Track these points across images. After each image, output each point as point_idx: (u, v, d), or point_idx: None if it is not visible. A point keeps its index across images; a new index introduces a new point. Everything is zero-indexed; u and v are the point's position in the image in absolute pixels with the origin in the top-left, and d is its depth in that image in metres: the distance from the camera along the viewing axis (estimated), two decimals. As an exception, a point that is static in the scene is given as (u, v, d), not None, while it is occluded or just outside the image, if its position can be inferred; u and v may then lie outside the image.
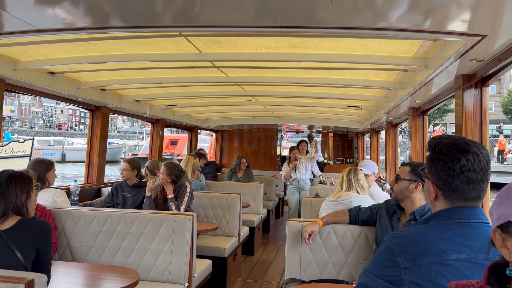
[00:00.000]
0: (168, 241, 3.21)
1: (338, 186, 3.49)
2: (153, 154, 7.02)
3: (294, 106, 6.66)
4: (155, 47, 3.25)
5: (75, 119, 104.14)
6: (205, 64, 3.78)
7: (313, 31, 2.36)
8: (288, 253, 2.97)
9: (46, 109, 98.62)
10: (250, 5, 2.03)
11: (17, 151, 20.41)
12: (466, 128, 3.08)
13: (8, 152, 20.16)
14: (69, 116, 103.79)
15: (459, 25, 2.10)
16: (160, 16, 2.21)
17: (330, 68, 3.87)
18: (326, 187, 6.03)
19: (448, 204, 1.42)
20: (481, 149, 1.40)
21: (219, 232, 5.03)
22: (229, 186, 6.85)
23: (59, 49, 3.27)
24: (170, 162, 4.38)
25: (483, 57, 2.59)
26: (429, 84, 3.45)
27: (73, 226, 3.38)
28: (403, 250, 1.35)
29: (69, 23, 2.31)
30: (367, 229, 2.91)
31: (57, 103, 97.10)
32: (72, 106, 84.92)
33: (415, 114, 5.01)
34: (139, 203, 4.36)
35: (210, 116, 8.35)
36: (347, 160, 11.63)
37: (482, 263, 1.32)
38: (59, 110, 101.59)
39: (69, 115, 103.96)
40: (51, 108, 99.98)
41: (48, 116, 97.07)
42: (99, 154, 5.40)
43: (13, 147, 20.14)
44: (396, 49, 3.02)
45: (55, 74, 4.01)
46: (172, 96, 5.53)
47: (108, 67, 3.90)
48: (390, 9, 1.96)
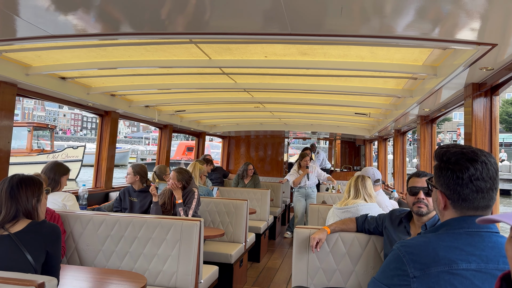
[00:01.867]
0: (175, 246, 3.22)
1: (345, 194, 3.48)
2: (160, 159, 7.06)
3: (302, 113, 6.66)
4: (165, 54, 3.28)
5: (78, 123, 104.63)
6: (214, 71, 3.81)
7: (322, 38, 2.37)
8: (295, 260, 2.96)
9: (49, 113, 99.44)
10: (259, 13, 2.04)
11: (72, 156, 21.95)
12: (476, 136, 3.06)
13: (64, 157, 21.47)
14: (71, 121, 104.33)
15: (469, 33, 2.09)
16: (170, 22, 2.24)
17: (339, 76, 3.87)
18: (333, 195, 6.02)
19: (457, 213, 1.41)
20: (489, 157, 1.40)
21: (226, 238, 5.03)
22: (235, 192, 6.86)
23: (71, 54, 3.32)
24: (180, 168, 4.40)
25: (493, 66, 2.58)
26: (438, 92, 3.43)
27: (81, 230, 3.41)
28: (412, 259, 1.34)
29: (81, 29, 2.35)
30: (375, 238, 2.89)
31: (59, 107, 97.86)
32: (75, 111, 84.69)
33: (423, 122, 4.99)
34: (146, 208, 4.37)
35: (218, 122, 8.38)
36: (354, 168, 11.58)
37: (492, 273, 1.31)
38: (62, 114, 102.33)
39: (72, 119, 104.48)
40: (54, 112, 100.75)
41: (51, 121, 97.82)
42: (108, 159, 5.44)
43: (68, 153, 21.89)
44: (405, 57, 3.02)
45: (66, 79, 4.07)
46: (181, 102, 5.56)
47: (118, 72, 3.94)
48: (399, 17, 1.96)
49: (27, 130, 19.70)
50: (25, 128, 19.91)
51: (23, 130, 19.93)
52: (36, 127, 20.26)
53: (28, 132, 19.56)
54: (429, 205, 2.44)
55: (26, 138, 19.62)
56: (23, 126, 20.18)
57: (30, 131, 19.61)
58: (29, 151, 19.17)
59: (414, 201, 2.48)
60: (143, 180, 4.52)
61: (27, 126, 19.84)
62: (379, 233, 2.85)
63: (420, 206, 2.45)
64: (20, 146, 19.72)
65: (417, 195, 2.47)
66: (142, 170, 4.55)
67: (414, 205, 2.48)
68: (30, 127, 19.66)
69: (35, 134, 20.86)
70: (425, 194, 2.46)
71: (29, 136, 19.59)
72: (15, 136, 18.33)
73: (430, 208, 2.44)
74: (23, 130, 19.89)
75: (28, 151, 19.15)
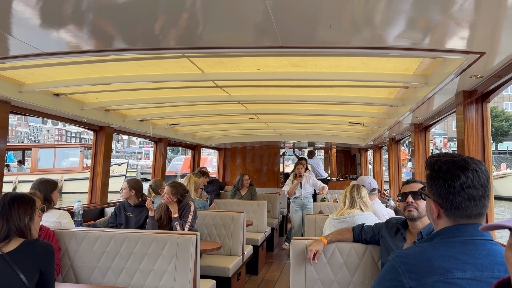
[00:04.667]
0: (171, 261, 3.19)
1: (341, 204, 3.47)
2: (156, 173, 7.03)
3: (296, 123, 6.68)
4: (158, 68, 3.30)
5: (61, 138, 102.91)
6: (207, 84, 3.82)
7: (313, 51, 2.39)
8: (292, 273, 2.94)
9: (32, 129, 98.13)
10: (251, 26, 2.07)
11: (117, 172, 23.32)
12: (469, 143, 3.08)
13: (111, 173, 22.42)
14: (55, 136, 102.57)
15: (458, 43, 2.12)
16: (163, 38, 2.25)
17: (331, 86, 3.90)
18: (330, 204, 6.00)
19: (450, 222, 1.42)
20: (479, 165, 1.41)
21: (223, 251, 4.99)
22: (232, 204, 6.83)
23: (64, 71, 3.33)
24: (175, 182, 4.38)
25: (482, 74, 2.61)
26: (430, 100, 3.46)
27: (77, 247, 3.37)
28: (407, 269, 1.34)
29: (74, 46, 2.36)
30: (372, 248, 2.89)
31: (43, 122, 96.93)
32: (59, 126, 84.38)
33: (417, 130, 5.02)
34: (141, 223, 4.34)
35: (213, 134, 8.39)
36: (350, 177, 11.59)
37: (487, 280, 1.31)
38: (46, 129, 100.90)
39: (56, 134, 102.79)
40: (38, 128, 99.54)
41: (35, 136, 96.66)
42: (103, 174, 5.42)
43: (114, 169, 22.74)
44: (396, 67, 3.06)
45: (60, 96, 4.07)
46: (175, 115, 5.57)
47: (112, 88, 3.95)
48: (389, 27, 1.98)
49: (79, 150, 22.55)
50: (77, 148, 23.01)
51: (76, 150, 22.92)
52: (86, 147, 22.71)
53: (80, 152, 22.31)
54: (419, 208, 2.45)
55: (79, 157, 22.34)
56: (76, 147, 23.42)
57: (82, 151, 22.36)
58: (81, 168, 21.80)
59: (405, 206, 2.51)
60: (138, 195, 4.49)
61: (80, 147, 22.84)
62: (375, 242, 2.85)
63: (410, 209, 2.47)
64: (73, 164, 22.42)
65: (406, 199, 2.50)
66: (137, 185, 4.53)
67: (405, 210, 2.52)
68: (82, 148, 22.49)
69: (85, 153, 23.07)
70: (414, 197, 2.48)
71: (81, 156, 22.28)
72: (70, 155, 22.56)
73: (421, 212, 2.45)
74: (77, 150, 22.90)
75: (80, 168, 21.81)
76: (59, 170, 21.14)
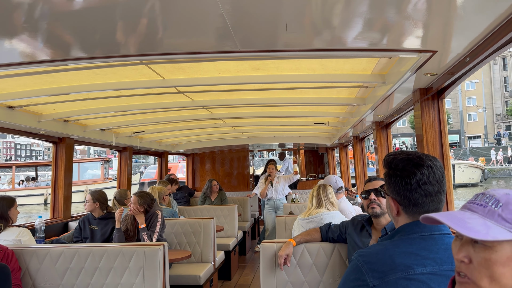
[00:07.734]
0: (139, 273, 3.10)
1: (309, 204, 3.50)
2: (121, 183, 6.85)
3: (263, 126, 6.70)
4: (116, 76, 3.21)
5: (10, 151, 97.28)
6: (169, 90, 3.77)
7: (273, 54, 2.40)
8: (263, 277, 2.93)
9: None
10: (210, 32, 2.05)
11: (132, 181, 24.31)
12: (427, 139, 3.18)
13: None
14: (3, 149, 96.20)
15: (413, 42, 2.19)
16: (121, 45, 2.19)
17: (293, 88, 3.94)
18: (300, 205, 6.04)
19: (409, 219, 1.45)
20: (434, 161, 1.44)
21: (194, 259, 4.92)
22: (202, 210, 6.75)
23: (16, 82, 3.18)
24: (141, 191, 4.29)
25: (436, 71, 2.70)
26: (389, 98, 3.56)
27: (38, 265, 3.23)
28: (370, 268, 1.36)
29: (28, 56, 2.26)
30: (340, 246, 2.92)
31: None
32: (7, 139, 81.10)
33: (379, 128, 5.14)
34: (108, 236, 4.21)
35: (180, 140, 8.28)
36: (319, 176, 11.73)
37: (447, 274, 1.34)
38: None
39: (4, 147, 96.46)
40: None
41: None
42: (65, 187, 5.22)
43: None
44: (354, 67, 3.12)
45: (14, 108, 3.89)
46: (139, 123, 5.45)
47: (70, 98, 3.81)
48: (348, 29, 2.02)
49: (100, 163, 25.45)
50: (98, 162, 25.92)
51: (97, 163, 25.87)
52: (105, 160, 26.15)
53: (101, 165, 25.28)
54: (382, 205, 2.50)
55: (100, 169, 25.26)
56: (98, 161, 26.31)
57: (102, 164, 25.30)
58: (103, 179, 24.88)
59: (368, 203, 2.55)
60: (103, 207, 4.35)
61: (100, 160, 26.03)
62: (343, 241, 2.88)
63: (373, 206, 2.51)
64: (95, 176, 25.29)
65: (369, 197, 2.54)
66: (101, 197, 4.39)
67: (368, 207, 2.56)
68: (102, 161, 25.69)
69: (105, 166, 25.99)
70: (376, 194, 2.52)
71: (102, 168, 25.23)
72: (92, 167, 25.59)
73: (384, 208, 2.48)
74: (98, 163, 25.81)
75: (102, 179, 24.86)
76: (84, 182, 23.90)
